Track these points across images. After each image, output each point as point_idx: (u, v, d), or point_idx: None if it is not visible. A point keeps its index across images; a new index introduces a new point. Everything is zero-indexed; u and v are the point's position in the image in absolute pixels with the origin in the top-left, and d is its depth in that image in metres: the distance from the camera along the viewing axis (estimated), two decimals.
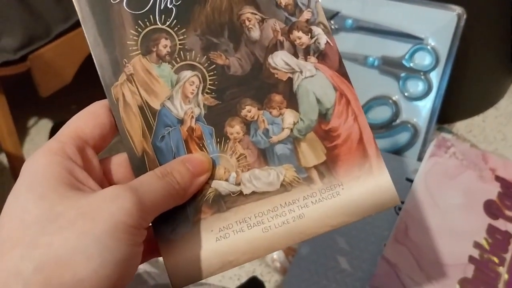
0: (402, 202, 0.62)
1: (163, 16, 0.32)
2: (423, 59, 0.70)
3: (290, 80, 0.32)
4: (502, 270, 0.55)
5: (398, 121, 0.72)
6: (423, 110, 0.71)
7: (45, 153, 0.28)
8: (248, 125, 0.32)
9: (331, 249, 0.61)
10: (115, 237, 0.26)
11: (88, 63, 0.85)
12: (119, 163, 0.32)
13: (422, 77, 0.70)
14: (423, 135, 0.71)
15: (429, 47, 0.69)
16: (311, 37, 0.32)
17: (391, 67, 0.72)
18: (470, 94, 0.84)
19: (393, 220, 0.60)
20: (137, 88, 0.32)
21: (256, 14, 0.32)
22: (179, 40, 0.32)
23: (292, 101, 0.32)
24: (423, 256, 0.56)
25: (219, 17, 0.32)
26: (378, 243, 0.61)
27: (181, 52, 0.32)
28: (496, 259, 0.56)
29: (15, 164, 0.91)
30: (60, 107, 1.10)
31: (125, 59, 0.32)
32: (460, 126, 0.85)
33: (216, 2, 0.32)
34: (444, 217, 0.59)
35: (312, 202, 0.31)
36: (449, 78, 0.69)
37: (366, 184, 0.31)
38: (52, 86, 0.84)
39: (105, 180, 0.31)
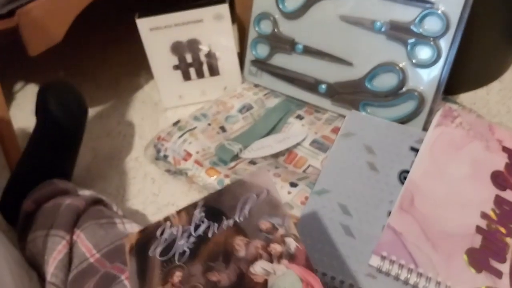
0: (407, 172, 0.60)
1: (180, 257, 0.45)
2: (433, 25, 0.67)
3: (265, 282, 0.41)
4: (510, 240, 0.54)
5: (404, 89, 0.70)
6: (431, 78, 0.68)
7: None
8: None
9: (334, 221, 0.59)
10: None
11: (77, 28, 0.81)
12: None
13: (432, 43, 0.67)
14: (429, 104, 0.69)
15: (439, 11, 0.66)
16: (284, 245, 0.43)
17: (399, 32, 0.69)
18: (474, 66, 0.82)
19: (398, 190, 0.58)
20: None
21: (243, 239, 0.44)
22: (188, 269, 0.44)
23: None
24: (429, 225, 0.55)
25: (218, 248, 0.44)
26: (382, 212, 0.59)
27: (188, 277, 0.43)
28: (503, 230, 0.55)
29: (2, 128, 0.87)
30: (48, 72, 1.06)
31: None
32: (464, 98, 0.83)
33: (216, 239, 0.45)
34: (451, 187, 0.58)
35: None
36: (458, 45, 0.67)
37: None
38: (41, 44, 0.79)
39: None
